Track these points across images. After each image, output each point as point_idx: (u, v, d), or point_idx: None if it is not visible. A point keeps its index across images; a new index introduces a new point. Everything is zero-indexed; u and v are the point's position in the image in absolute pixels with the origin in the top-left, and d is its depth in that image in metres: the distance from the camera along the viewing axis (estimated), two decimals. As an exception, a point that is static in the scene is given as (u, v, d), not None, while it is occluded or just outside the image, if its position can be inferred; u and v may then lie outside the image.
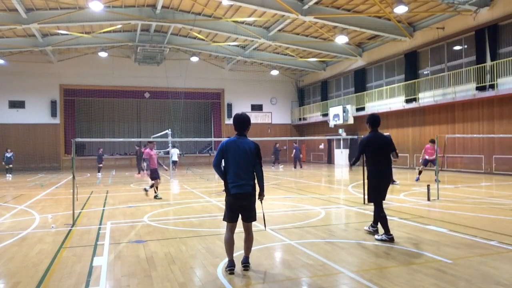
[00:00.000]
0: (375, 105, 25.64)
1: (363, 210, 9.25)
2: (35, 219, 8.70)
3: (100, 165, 23.57)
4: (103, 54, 27.59)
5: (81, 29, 25.03)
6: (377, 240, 6.30)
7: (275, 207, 9.90)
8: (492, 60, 18.07)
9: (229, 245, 4.92)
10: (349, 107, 27.21)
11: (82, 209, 9.98)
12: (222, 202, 10.68)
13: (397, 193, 12.12)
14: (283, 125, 36.08)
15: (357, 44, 26.95)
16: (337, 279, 4.60)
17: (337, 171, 23.85)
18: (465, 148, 19.82)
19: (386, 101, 24.65)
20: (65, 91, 30.41)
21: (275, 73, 33.14)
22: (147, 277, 4.75)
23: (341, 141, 30.06)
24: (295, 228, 7.35)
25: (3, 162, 22.57)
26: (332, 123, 28.47)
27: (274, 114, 35.92)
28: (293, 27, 24.64)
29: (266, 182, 5.39)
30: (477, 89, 18.44)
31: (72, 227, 7.76)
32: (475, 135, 18.28)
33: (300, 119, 35.30)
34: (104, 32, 24.94)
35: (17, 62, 28.27)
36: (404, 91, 23.05)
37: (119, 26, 24.62)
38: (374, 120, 6.57)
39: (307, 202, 10.69)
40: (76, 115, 32.10)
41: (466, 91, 19.11)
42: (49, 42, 26.02)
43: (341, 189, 14.09)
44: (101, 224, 8.10)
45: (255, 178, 4.96)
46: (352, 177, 18.58)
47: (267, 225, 7.48)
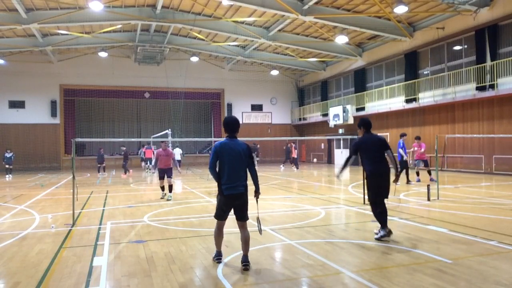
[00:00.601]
0: (375, 105, 25.64)
1: (363, 210, 9.25)
2: (35, 219, 8.70)
3: (100, 165, 23.57)
4: (103, 54, 27.59)
5: (81, 29, 25.03)
6: (377, 239, 6.30)
7: (275, 207, 9.90)
8: (492, 60, 18.07)
9: (217, 239, 5.26)
10: (349, 107, 27.21)
11: (82, 209, 9.98)
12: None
13: (397, 193, 12.12)
14: (283, 125, 36.07)
15: (357, 44, 26.95)
16: (337, 279, 4.60)
17: (337, 171, 23.80)
18: (465, 148, 19.82)
19: (386, 101, 24.65)
20: (65, 91, 30.42)
21: (275, 73, 33.14)
22: (147, 277, 4.75)
23: (341, 141, 30.07)
24: (295, 228, 7.35)
25: (3, 162, 22.48)
26: (332, 123, 28.47)
27: (274, 114, 35.93)
28: (293, 27, 24.64)
29: (266, 182, 5.45)
30: (477, 89, 18.43)
31: (72, 227, 7.76)
32: (475, 135, 18.29)
33: (300, 119, 35.30)
34: (104, 32, 24.95)
35: (17, 62, 28.28)
36: (404, 91, 23.05)
37: (119, 26, 24.62)
38: (366, 123, 6.68)
39: (307, 202, 10.69)
40: (76, 115, 32.10)
41: (466, 91, 19.11)
42: (49, 42, 26.03)
43: (341, 189, 14.09)
44: (101, 224, 8.10)
45: (247, 178, 5.14)
46: (352, 177, 18.58)
47: (267, 226, 7.49)
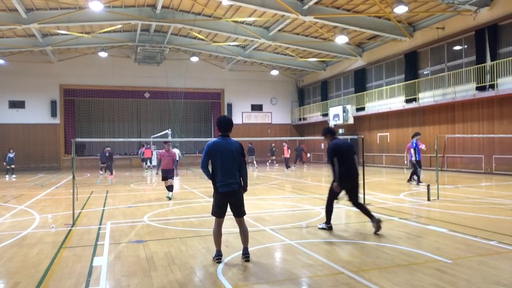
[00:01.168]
0: (375, 105, 25.65)
1: (363, 210, 9.23)
2: (35, 219, 8.70)
3: (103, 165, 23.71)
4: (103, 54, 27.59)
5: (81, 29, 25.03)
6: (319, 228, 7.14)
7: (275, 207, 9.90)
8: (492, 60, 18.07)
9: (217, 237, 5.28)
10: (349, 107, 27.20)
11: (82, 209, 9.98)
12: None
13: (397, 193, 12.12)
14: (283, 125, 36.08)
15: (357, 44, 26.95)
16: (337, 279, 4.60)
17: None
18: (465, 148, 19.82)
19: (386, 101, 24.65)
20: (65, 91, 30.41)
21: (275, 73, 33.14)
22: (147, 277, 4.75)
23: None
24: (295, 228, 7.35)
25: (4, 162, 22.23)
26: (332, 123, 28.45)
27: (274, 114, 35.92)
28: (293, 27, 24.64)
29: (266, 182, 5.47)
30: (477, 89, 18.44)
31: (72, 227, 7.76)
32: (475, 135, 18.29)
33: (300, 119, 35.30)
34: (104, 32, 24.95)
35: (17, 62, 28.27)
36: (404, 91, 23.05)
37: (119, 26, 24.62)
38: (331, 130, 7.30)
39: (307, 202, 10.68)
40: (76, 115, 32.09)
41: (466, 91, 19.11)
42: (49, 42, 26.03)
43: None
44: (101, 224, 8.10)
45: (240, 175, 5.29)
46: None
47: (267, 226, 7.50)
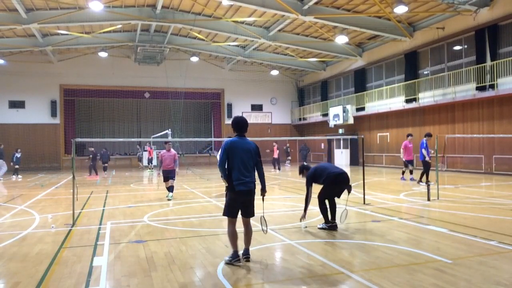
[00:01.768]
0: (375, 105, 25.64)
1: (363, 210, 9.25)
2: (35, 219, 8.70)
3: (105, 165, 23.90)
4: (103, 54, 27.59)
5: (81, 29, 25.03)
6: (319, 228, 7.16)
7: (275, 207, 9.90)
8: (492, 60, 18.07)
9: (234, 238, 5.17)
10: (349, 107, 27.20)
11: (82, 209, 9.98)
12: (222, 202, 10.67)
13: (397, 193, 12.13)
14: (283, 125, 36.08)
15: (357, 44, 26.95)
16: (337, 279, 4.60)
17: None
18: (465, 148, 19.82)
19: (386, 101, 24.65)
20: (65, 91, 30.41)
21: (275, 73, 33.14)
22: (147, 277, 4.75)
23: (341, 141, 30.08)
24: (295, 228, 7.35)
25: (12, 162, 21.76)
26: (332, 123, 28.47)
27: (274, 114, 35.92)
28: (293, 27, 24.64)
29: (266, 182, 5.47)
30: (477, 89, 18.43)
31: (72, 227, 7.76)
32: (475, 135, 18.28)
33: (300, 119, 35.30)
34: (104, 32, 24.94)
35: (17, 62, 28.27)
36: (404, 91, 23.05)
37: (119, 26, 24.62)
38: (307, 166, 7.61)
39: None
40: (76, 115, 32.10)
41: (466, 91, 19.11)
42: (49, 42, 26.02)
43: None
44: (101, 224, 8.10)
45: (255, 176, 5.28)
46: (352, 177, 18.56)
47: (267, 226, 7.49)
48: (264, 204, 5.64)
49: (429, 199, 10.31)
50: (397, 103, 23.61)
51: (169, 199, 11.44)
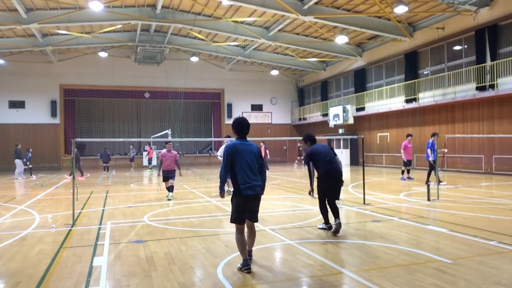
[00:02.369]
0: (375, 105, 25.64)
1: (363, 210, 9.25)
2: (35, 219, 8.70)
3: (105, 164, 23.96)
4: (103, 54, 27.59)
5: (81, 29, 25.03)
6: (319, 228, 7.17)
7: (275, 207, 9.90)
8: (492, 60, 18.07)
9: (242, 245, 4.92)
10: (349, 107, 27.20)
11: (82, 209, 9.98)
12: (222, 202, 10.68)
13: (397, 193, 12.13)
14: (283, 125, 36.07)
15: (357, 44, 26.95)
16: (337, 279, 4.60)
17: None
18: (465, 148, 19.82)
19: (386, 101, 24.65)
20: (65, 91, 30.41)
21: (275, 73, 33.14)
22: (147, 277, 4.75)
23: (341, 141, 30.08)
24: (295, 228, 7.35)
25: (26, 161, 21.70)
26: (332, 123, 28.47)
27: (274, 114, 35.92)
28: (293, 27, 24.64)
29: (266, 182, 5.43)
30: (477, 89, 18.43)
31: (72, 227, 7.76)
32: (475, 135, 18.29)
33: (300, 119, 35.30)
34: (104, 32, 24.94)
35: (17, 62, 28.27)
36: (404, 91, 23.05)
37: (119, 26, 24.62)
38: (311, 137, 7.35)
39: (307, 202, 10.67)
40: (76, 115, 32.11)
41: (466, 91, 19.11)
42: (49, 42, 26.02)
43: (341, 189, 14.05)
44: (101, 224, 8.10)
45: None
46: (352, 177, 18.58)
47: (267, 226, 7.49)
48: (262, 203, 5.58)
49: (429, 199, 10.31)
50: (397, 103, 23.61)
51: (169, 199, 11.44)
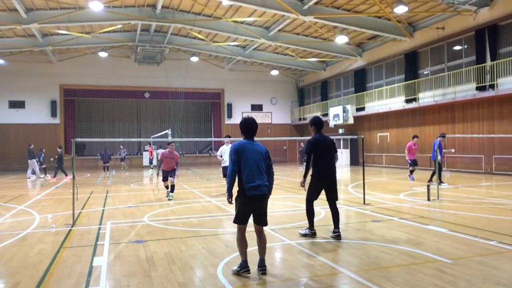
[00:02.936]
0: (375, 105, 25.64)
1: (363, 210, 9.25)
2: (35, 219, 8.70)
3: (105, 164, 24.00)
4: (103, 54, 27.58)
5: (81, 29, 25.03)
6: (301, 235, 6.63)
7: (275, 207, 9.90)
8: (492, 60, 18.07)
9: (243, 246, 4.80)
10: (349, 107, 27.20)
11: (82, 209, 9.98)
12: (222, 202, 10.69)
13: (397, 193, 12.13)
14: (283, 125, 36.07)
15: (357, 44, 26.95)
16: (337, 279, 4.60)
17: (337, 171, 23.77)
18: (465, 148, 19.82)
19: (386, 101, 24.65)
20: (65, 91, 30.41)
21: (275, 73, 33.14)
22: (147, 277, 4.75)
23: (341, 141, 30.07)
24: (295, 228, 7.35)
25: (39, 162, 21.73)
26: (332, 123, 28.47)
27: (274, 114, 35.92)
28: (293, 27, 24.64)
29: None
30: (477, 89, 18.43)
31: (72, 227, 7.76)
32: (475, 135, 18.28)
33: (300, 119, 35.29)
34: (104, 32, 24.94)
35: (17, 62, 28.27)
36: (404, 91, 23.05)
37: (119, 26, 24.61)
38: (318, 122, 6.79)
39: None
40: (76, 115, 32.10)
41: (466, 91, 19.11)
42: (49, 42, 26.02)
43: (341, 189, 14.08)
44: (101, 224, 8.10)
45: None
46: (352, 177, 18.58)
47: (267, 226, 7.48)
48: None
49: (429, 199, 10.31)
50: (397, 103, 23.61)
51: (170, 199, 11.44)
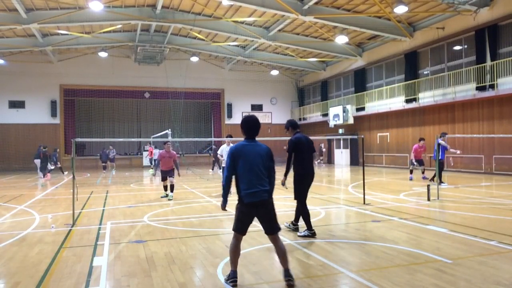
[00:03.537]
0: (375, 105, 25.64)
1: (363, 210, 9.24)
2: (35, 219, 8.70)
3: (104, 164, 24.06)
4: (103, 54, 27.58)
5: (81, 29, 25.03)
6: (300, 236, 6.65)
7: (275, 207, 9.88)
8: (492, 60, 18.07)
9: (235, 255, 4.51)
10: (349, 107, 27.21)
11: (82, 209, 9.98)
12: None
13: (397, 193, 12.13)
14: (283, 125, 35.86)
15: (357, 44, 26.95)
16: (337, 279, 4.60)
17: (337, 171, 23.83)
18: (465, 148, 19.81)
19: (386, 101, 24.65)
20: (65, 91, 30.41)
21: (275, 73, 33.14)
22: (147, 277, 4.75)
23: (341, 141, 30.07)
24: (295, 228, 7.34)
25: (53, 162, 21.93)
26: (332, 123, 28.48)
27: (274, 114, 35.92)
28: (293, 27, 24.63)
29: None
30: (477, 89, 18.44)
31: (72, 227, 7.76)
32: (475, 135, 18.29)
33: (300, 119, 35.28)
34: (104, 32, 24.94)
35: (17, 62, 28.27)
36: (404, 91, 23.05)
37: (119, 26, 24.61)
38: (293, 123, 7.28)
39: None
40: (76, 115, 32.09)
41: (466, 91, 19.11)
42: (49, 42, 26.02)
43: (341, 189, 14.09)
44: (101, 224, 8.10)
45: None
46: (352, 177, 18.58)
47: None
48: None
49: (429, 199, 10.31)
50: (397, 103, 23.61)
51: (170, 199, 11.44)
